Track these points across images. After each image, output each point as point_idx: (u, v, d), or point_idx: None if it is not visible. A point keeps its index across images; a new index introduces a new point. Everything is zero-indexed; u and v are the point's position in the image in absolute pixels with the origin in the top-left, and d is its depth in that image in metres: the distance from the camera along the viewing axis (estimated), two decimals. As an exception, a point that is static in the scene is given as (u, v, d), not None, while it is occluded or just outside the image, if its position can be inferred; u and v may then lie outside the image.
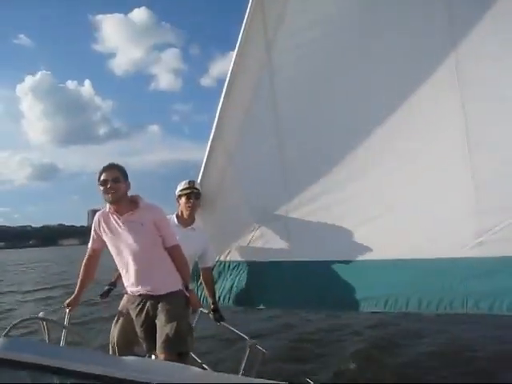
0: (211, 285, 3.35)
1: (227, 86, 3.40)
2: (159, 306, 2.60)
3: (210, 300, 3.31)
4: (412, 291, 2.92)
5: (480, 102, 2.72)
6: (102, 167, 2.69)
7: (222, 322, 3.00)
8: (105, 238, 2.71)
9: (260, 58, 3.34)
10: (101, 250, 2.83)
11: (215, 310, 3.22)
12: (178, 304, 2.66)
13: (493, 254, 2.70)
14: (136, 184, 2.78)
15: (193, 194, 3.27)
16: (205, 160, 3.53)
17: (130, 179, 2.72)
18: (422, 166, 2.94)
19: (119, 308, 3.11)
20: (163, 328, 2.51)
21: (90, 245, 2.82)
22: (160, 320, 2.56)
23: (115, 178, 2.61)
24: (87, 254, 2.83)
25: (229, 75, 3.40)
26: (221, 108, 3.43)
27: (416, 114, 2.93)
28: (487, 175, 2.72)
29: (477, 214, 2.75)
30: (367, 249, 3.09)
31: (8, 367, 1.04)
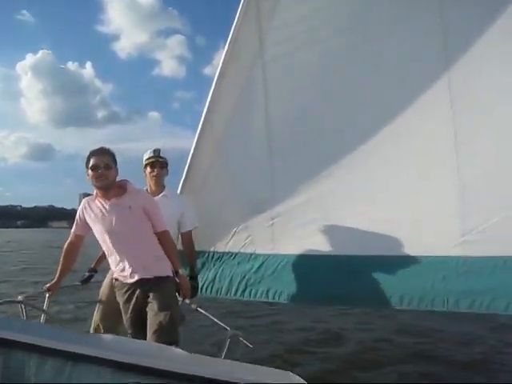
0: (191, 249, 3.26)
1: (219, 73, 3.35)
2: (150, 294, 2.51)
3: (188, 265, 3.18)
4: (394, 288, 2.95)
5: (467, 107, 2.84)
6: (91, 150, 2.56)
7: (200, 310, 2.90)
8: (91, 223, 2.62)
9: (253, 47, 3.30)
10: (84, 236, 2.75)
11: (192, 278, 3.10)
12: (170, 292, 2.59)
13: (475, 253, 2.78)
14: (132, 171, 2.70)
15: (157, 162, 3.20)
16: (193, 148, 3.49)
17: (126, 165, 2.64)
18: (410, 165, 2.99)
19: (100, 294, 3.06)
20: (155, 317, 2.43)
21: (73, 230, 2.74)
22: (152, 308, 2.47)
23: (107, 165, 2.50)
24: (69, 240, 2.75)
25: (221, 62, 3.36)
26: (212, 94, 3.38)
27: (408, 115, 2.99)
28: (473, 176, 2.80)
29: (462, 213, 2.82)
30: (350, 244, 3.11)
31: None
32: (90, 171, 2.51)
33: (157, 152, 3.23)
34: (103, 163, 2.50)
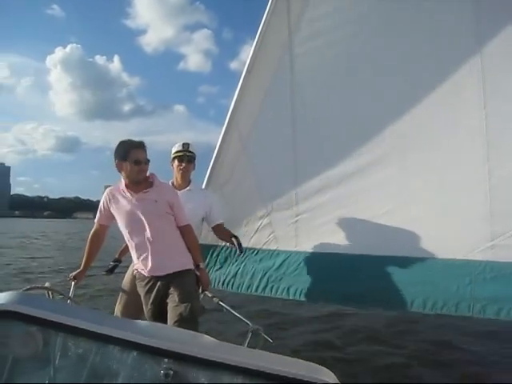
0: (227, 233, 3.21)
1: (246, 70, 3.36)
2: (171, 285, 2.55)
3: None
4: (418, 290, 2.90)
5: (501, 106, 2.74)
6: (131, 143, 2.60)
7: (222, 304, 2.90)
8: (116, 214, 2.67)
9: (282, 43, 3.29)
10: (107, 225, 2.81)
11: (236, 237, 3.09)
12: (191, 284, 2.63)
13: (504, 258, 2.69)
14: (157, 164, 2.75)
15: (185, 156, 3.20)
16: (218, 145, 3.51)
17: (151, 158, 2.66)
18: (439, 165, 2.93)
19: (122, 285, 3.12)
20: (176, 308, 2.46)
21: (96, 220, 2.80)
22: (172, 300, 2.51)
23: (147, 160, 2.59)
24: (93, 229, 2.81)
25: (249, 59, 3.36)
26: (239, 91, 3.40)
27: (437, 112, 2.92)
28: (503, 179, 2.71)
29: (491, 217, 2.74)
30: (374, 244, 3.05)
31: (21, 321, 1.03)
32: (131, 164, 2.55)
33: (186, 146, 3.24)
34: (144, 158, 2.58)
